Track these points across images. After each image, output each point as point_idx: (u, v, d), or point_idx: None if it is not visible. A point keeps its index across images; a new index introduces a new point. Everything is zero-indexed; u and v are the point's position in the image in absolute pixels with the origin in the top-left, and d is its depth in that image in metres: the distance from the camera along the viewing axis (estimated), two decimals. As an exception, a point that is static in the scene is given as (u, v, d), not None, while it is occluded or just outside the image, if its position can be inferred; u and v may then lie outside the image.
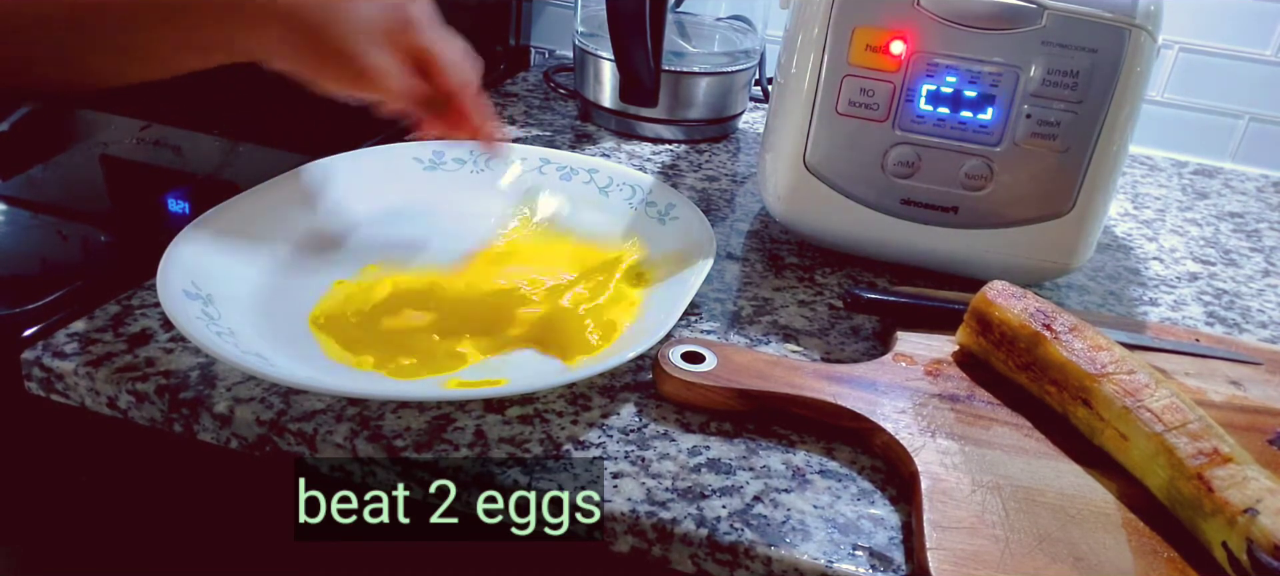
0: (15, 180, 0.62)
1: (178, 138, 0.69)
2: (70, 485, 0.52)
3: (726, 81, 0.80)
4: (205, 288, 0.45)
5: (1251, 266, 0.69)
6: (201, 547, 0.52)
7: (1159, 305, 0.61)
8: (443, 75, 0.47)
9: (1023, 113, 0.53)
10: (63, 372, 0.43)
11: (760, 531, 0.38)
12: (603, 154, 0.76)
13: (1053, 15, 0.51)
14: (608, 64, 0.78)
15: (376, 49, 0.44)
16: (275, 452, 0.42)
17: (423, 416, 0.42)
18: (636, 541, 0.39)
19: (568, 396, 0.45)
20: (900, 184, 0.55)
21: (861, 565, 0.37)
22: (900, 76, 0.54)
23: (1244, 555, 0.35)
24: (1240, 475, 0.37)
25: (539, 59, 1.03)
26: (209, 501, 0.50)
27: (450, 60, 0.48)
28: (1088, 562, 0.36)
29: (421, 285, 0.51)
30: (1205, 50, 0.88)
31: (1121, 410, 0.41)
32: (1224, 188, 0.86)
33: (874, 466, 0.43)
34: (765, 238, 0.64)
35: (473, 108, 0.50)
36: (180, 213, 0.60)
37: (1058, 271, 0.57)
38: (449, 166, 0.63)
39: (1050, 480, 0.41)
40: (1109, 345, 0.44)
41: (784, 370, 0.45)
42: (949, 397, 0.45)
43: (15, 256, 0.54)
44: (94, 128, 0.70)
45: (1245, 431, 0.44)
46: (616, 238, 0.58)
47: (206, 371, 0.44)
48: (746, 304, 0.55)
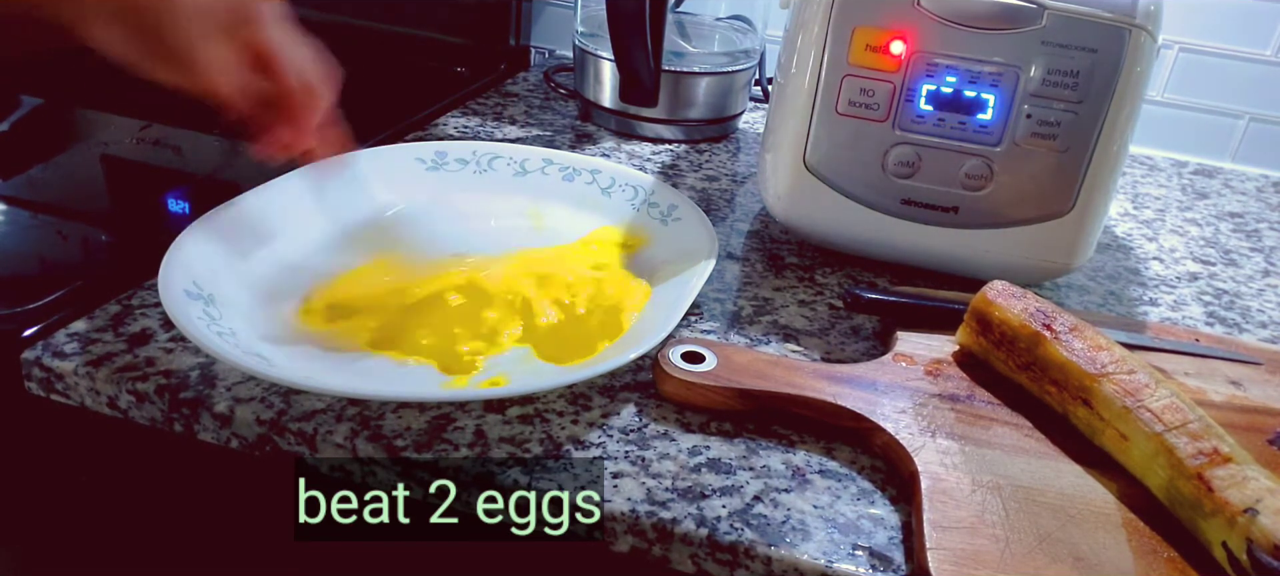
0: (15, 180, 0.62)
1: (178, 138, 0.69)
2: (70, 485, 0.52)
3: (726, 81, 0.80)
4: (206, 288, 0.45)
5: (1251, 266, 0.69)
6: (201, 547, 0.52)
7: (1159, 305, 0.61)
8: (283, 76, 0.45)
9: (1023, 113, 0.53)
10: (63, 372, 0.43)
11: (760, 531, 0.38)
12: (603, 154, 0.76)
13: (1053, 15, 0.51)
14: (608, 64, 0.78)
15: (210, 42, 0.42)
16: (275, 452, 0.42)
17: (423, 416, 0.42)
18: (636, 541, 0.39)
19: (568, 396, 0.45)
20: (900, 184, 0.55)
21: (861, 565, 0.37)
22: (900, 76, 0.54)
23: (1244, 555, 0.35)
24: (1240, 475, 0.37)
25: (539, 59, 1.03)
26: (209, 501, 0.50)
27: (292, 60, 0.45)
28: (1088, 562, 0.36)
29: (428, 290, 0.51)
30: (1205, 50, 0.88)
31: (1121, 410, 0.41)
32: (1224, 188, 0.86)
33: (874, 466, 0.43)
34: (765, 238, 0.64)
35: (310, 113, 0.46)
36: (180, 213, 0.60)
37: (1058, 271, 0.57)
38: (451, 167, 0.63)
39: (1050, 480, 0.41)
40: (1109, 345, 0.44)
41: (784, 370, 0.45)
42: (949, 397, 0.45)
43: (15, 256, 0.54)
44: (94, 128, 0.70)
45: (1245, 431, 0.44)
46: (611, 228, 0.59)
47: (207, 371, 0.44)
48: (746, 304, 0.55)
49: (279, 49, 0.44)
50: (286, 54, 0.45)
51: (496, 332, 0.48)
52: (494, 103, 0.86)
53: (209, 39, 0.42)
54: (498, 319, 0.49)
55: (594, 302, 0.51)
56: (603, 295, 0.52)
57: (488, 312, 0.49)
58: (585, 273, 0.54)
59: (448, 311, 0.49)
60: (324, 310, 0.48)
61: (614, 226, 0.59)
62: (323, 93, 0.47)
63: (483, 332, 0.48)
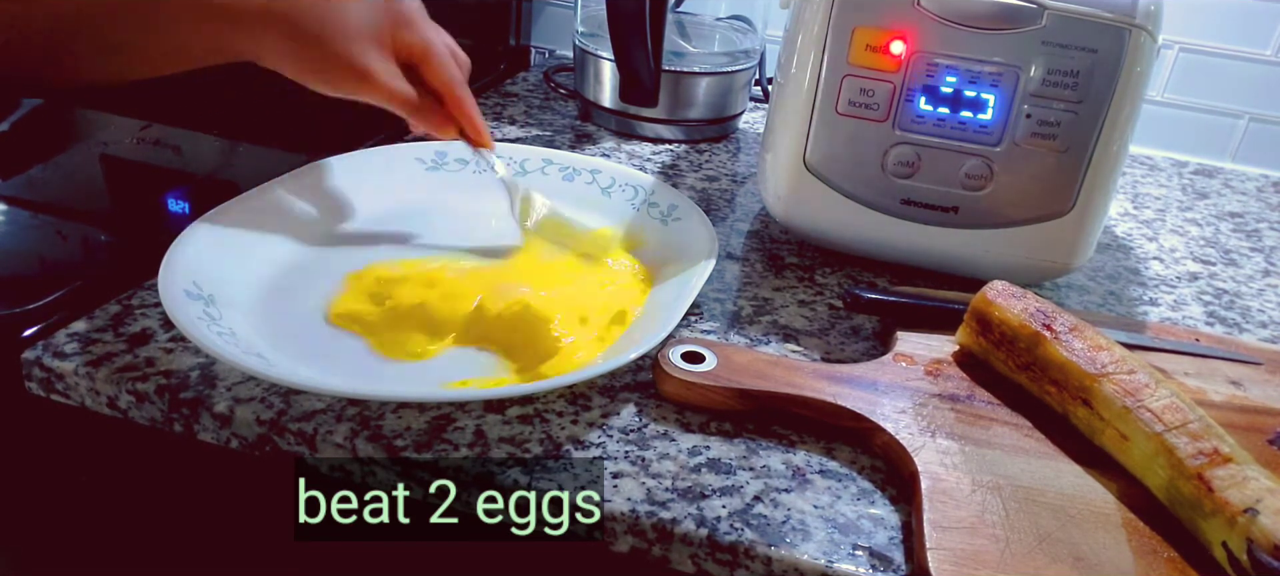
0: (15, 180, 0.62)
1: (178, 138, 0.69)
2: (70, 485, 0.52)
3: (726, 81, 0.80)
4: (206, 288, 0.45)
5: (1251, 266, 0.69)
6: (201, 547, 0.52)
7: (1159, 305, 0.61)
8: (434, 72, 0.47)
9: (1023, 113, 0.53)
10: (63, 372, 0.43)
11: (760, 531, 0.38)
12: (603, 154, 0.76)
13: (1053, 15, 0.51)
14: (608, 64, 0.78)
15: (372, 51, 0.44)
16: (275, 452, 0.42)
17: (423, 416, 0.42)
18: (636, 541, 0.39)
19: (568, 396, 0.45)
20: (900, 184, 0.55)
21: (861, 565, 0.37)
22: (900, 76, 0.54)
23: (1244, 555, 0.35)
24: (1240, 475, 0.37)
25: (539, 59, 1.03)
26: (209, 501, 0.50)
27: (440, 57, 0.48)
28: (1088, 562, 0.36)
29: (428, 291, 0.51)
30: (1205, 50, 0.88)
31: (1121, 410, 0.41)
32: (1224, 188, 0.86)
33: (874, 466, 0.43)
34: (765, 238, 0.64)
35: (460, 106, 0.50)
36: (180, 213, 0.60)
37: (1058, 271, 0.57)
38: (451, 167, 0.63)
39: (1050, 480, 0.41)
40: (1109, 345, 0.44)
41: (784, 370, 0.45)
42: (949, 397, 0.45)
43: (15, 256, 0.54)
44: (94, 128, 0.70)
45: (1245, 431, 0.44)
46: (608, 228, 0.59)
47: (206, 371, 0.44)
48: (746, 304, 0.55)
49: (430, 46, 0.47)
50: (436, 50, 0.47)
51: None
52: (494, 103, 0.86)
53: (372, 48, 0.44)
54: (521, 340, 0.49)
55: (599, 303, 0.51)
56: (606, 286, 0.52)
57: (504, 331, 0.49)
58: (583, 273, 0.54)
59: (446, 312, 0.49)
60: (325, 311, 0.48)
61: (614, 227, 0.59)
62: (463, 84, 0.50)
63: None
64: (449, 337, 0.47)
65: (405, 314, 0.48)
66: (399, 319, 0.48)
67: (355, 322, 0.47)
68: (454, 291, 0.50)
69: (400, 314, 0.48)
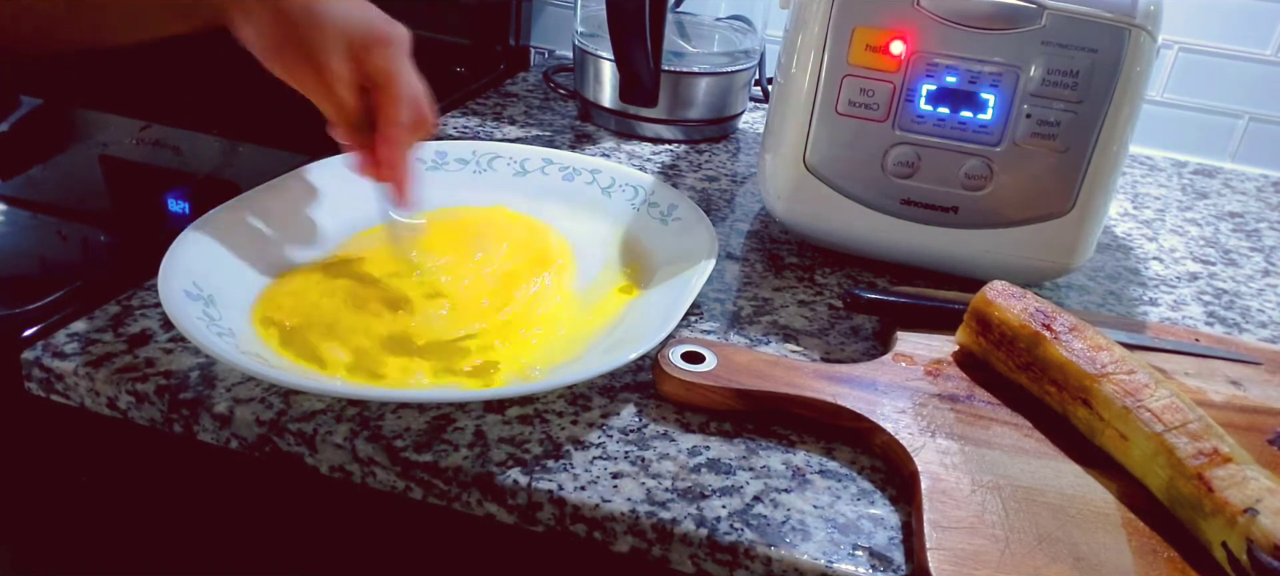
0: (15, 180, 0.62)
1: (178, 138, 0.69)
2: (70, 485, 0.52)
3: (726, 81, 0.80)
4: (206, 288, 0.45)
5: (1251, 266, 0.69)
6: (201, 547, 0.52)
7: (1159, 305, 0.61)
8: (384, 104, 0.46)
9: (1023, 113, 0.53)
10: (63, 373, 0.43)
11: (760, 531, 0.38)
12: (603, 154, 0.76)
13: (1053, 15, 0.51)
14: (608, 64, 0.78)
15: (338, 52, 0.44)
16: (275, 453, 0.42)
17: (423, 416, 0.42)
18: (636, 541, 0.39)
19: (568, 397, 0.45)
20: (900, 184, 0.55)
21: (861, 565, 0.37)
22: (900, 76, 0.54)
23: (1244, 555, 0.35)
24: (1240, 475, 0.37)
25: (539, 59, 1.03)
26: (209, 501, 0.50)
27: (406, 92, 0.47)
28: (1088, 562, 0.36)
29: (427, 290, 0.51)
30: (1205, 50, 0.88)
31: (1121, 410, 0.41)
32: (1224, 187, 0.86)
33: (874, 466, 0.43)
34: (765, 238, 0.64)
35: (389, 145, 0.48)
36: (180, 213, 0.60)
37: (1058, 271, 0.57)
38: (451, 167, 0.63)
39: (1050, 480, 0.41)
40: (1109, 345, 0.44)
41: (784, 370, 0.45)
42: (949, 397, 0.45)
43: (15, 256, 0.54)
44: (94, 128, 0.70)
45: (1245, 431, 0.44)
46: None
47: (206, 372, 0.44)
48: (746, 304, 0.55)
49: (397, 78, 0.46)
50: (402, 84, 0.47)
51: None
52: (494, 103, 0.86)
53: (339, 49, 0.44)
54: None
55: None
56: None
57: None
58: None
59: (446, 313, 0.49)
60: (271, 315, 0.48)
61: (614, 226, 0.59)
62: (423, 129, 0.48)
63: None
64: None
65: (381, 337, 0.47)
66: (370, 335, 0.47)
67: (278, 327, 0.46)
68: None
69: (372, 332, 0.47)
